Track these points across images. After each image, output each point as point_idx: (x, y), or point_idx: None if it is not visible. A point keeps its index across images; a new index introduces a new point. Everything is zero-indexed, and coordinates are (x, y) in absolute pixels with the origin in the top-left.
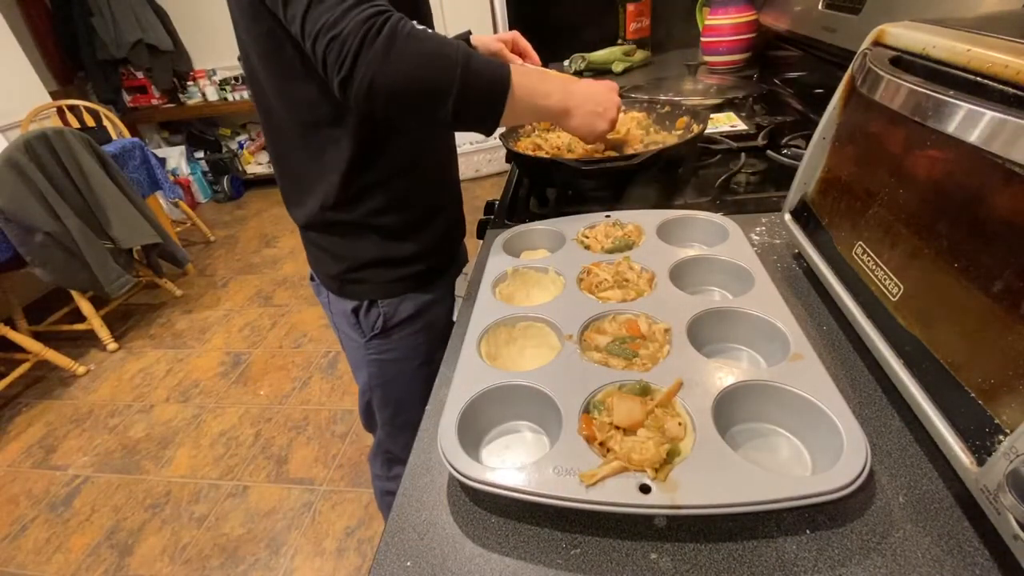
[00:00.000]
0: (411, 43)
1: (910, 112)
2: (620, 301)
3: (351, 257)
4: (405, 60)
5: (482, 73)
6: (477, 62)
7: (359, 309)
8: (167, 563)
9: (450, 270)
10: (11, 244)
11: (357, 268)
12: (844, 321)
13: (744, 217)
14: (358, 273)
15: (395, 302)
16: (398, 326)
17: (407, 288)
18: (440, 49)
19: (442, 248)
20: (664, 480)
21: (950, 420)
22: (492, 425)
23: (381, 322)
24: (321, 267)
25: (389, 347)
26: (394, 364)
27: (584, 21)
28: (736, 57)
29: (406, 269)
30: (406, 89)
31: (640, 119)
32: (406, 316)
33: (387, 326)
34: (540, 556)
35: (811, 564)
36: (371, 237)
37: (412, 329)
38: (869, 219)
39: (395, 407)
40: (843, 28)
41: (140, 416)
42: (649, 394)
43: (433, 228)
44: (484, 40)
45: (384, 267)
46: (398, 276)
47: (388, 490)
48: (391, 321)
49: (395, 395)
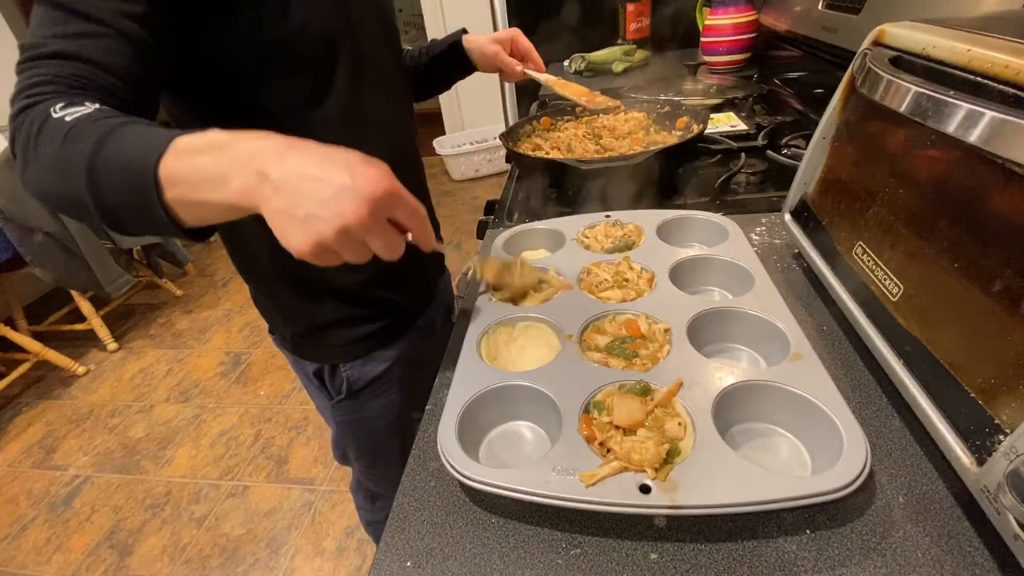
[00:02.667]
0: (39, 151)
1: (910, 112)
2: (620, 301)
3: (305, 319)
4: (34, 172)
5: (115, 174)
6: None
7: (322, 372)
8: (167, 563)
9: (427, 311)
10: (11, 244)
11: (313, 331)
12: (844, 321)
13: (744, 217)
14: (314, 336)
15: (359, 364)
16: (366, 387)
17: (372, 347)
18: (62, 151)
19: (411, 293)
20: (664, 480)
21: (950, 420)
22: (492, 425)
23: (346, 387)
24: (275, 326)
25: (359, 408)
26: (366, 423)
27: (584, 21)
28: (736, 57)
29: (368, 327)
30: (55, 204)
31: (640, 119)
32: (374, 376)
33: (353, 390)
34: (540, 556)
35: (811, 564)
36: (326, 297)
37: (383, 388)
38: (869, 219)
39: (371, 457)
40: (843, 28)
41: (140, 416)
42: (649, 394)
43: (398, 274)
44: (479, 41)
45: (342, 327)
46: (360, 335)
47: (374, 520)
48: (357, 384)
49: (370, 448)
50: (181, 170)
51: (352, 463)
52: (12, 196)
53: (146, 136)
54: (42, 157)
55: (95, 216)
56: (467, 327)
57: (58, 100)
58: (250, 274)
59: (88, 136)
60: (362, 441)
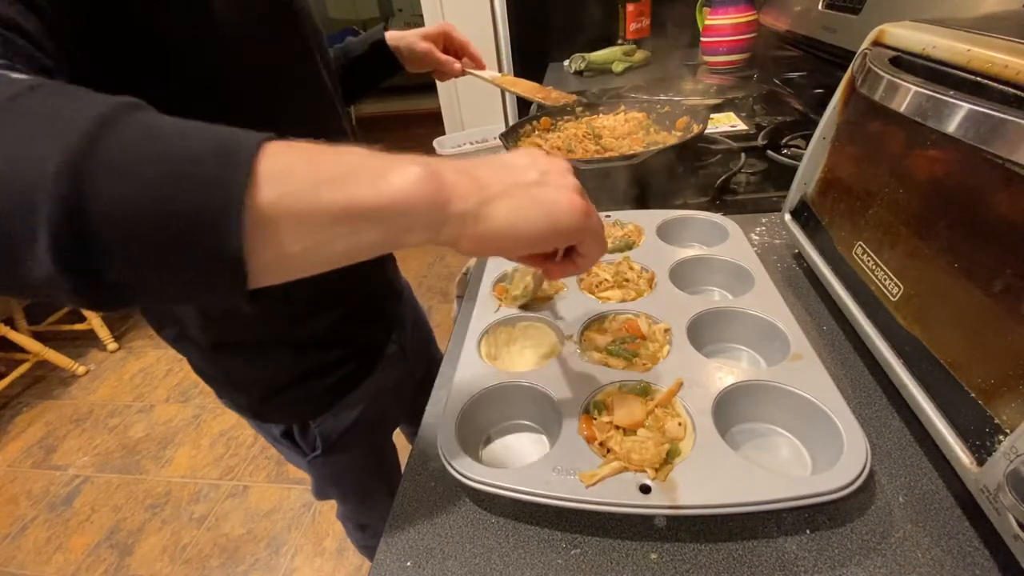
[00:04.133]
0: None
1: (910, 112)
2: (620, 301)
3: (261, 383)
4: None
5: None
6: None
7: (291, 432)
8: (167, 563)
9: (392, 338)
10: None
11: (272, 393)
12: (844, 321)
13: (744, 217)
14: (275, 399)
15: (330, 416)
16: (343, 437)
17: (343, 391)
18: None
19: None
20: (664, 480)
21: (950, 420)
22: (492, 425)
23: (320, 442)
24: (224, 394)
25: (336, 460)
26: (346, 473)
27: (584, 21)
28: (736, 57)
29: (336, 373)
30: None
31: (640, 119)
32: (350, 424)
33: (328, 444)
34: (540, 556)
35: (811, 564)
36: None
37: (360, 433)
38: (869, 219)
39: (358, 497)
40: (843, 28)
41: (140, 416)
42: (649, 394)
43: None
44: (408, 38)
45: (307, 382)
46: (329, 385)
47: (367, 545)
48: (332, 436)
49: (357, 491)
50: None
51: (337, 504)
52: None
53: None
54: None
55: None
56: (467, 327)
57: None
58: (188, 344)
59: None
60: (345, 486)
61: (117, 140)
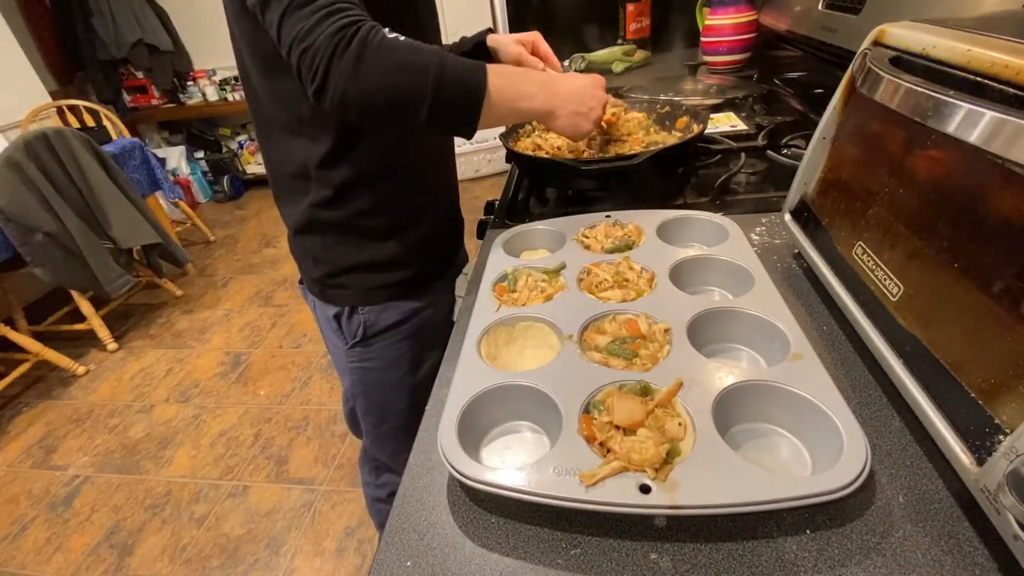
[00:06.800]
0: (381, 55)
1: (910, 112)
2: (620, 301)
3: (332, 261)
4: (375, 72)
5: (456, 81)
6: (451, 69)
7: (341, 315)
8: (167, 563)
9: (446, 275)
10: (11, 244)
11: (338, 273)
12: (844, 321)
13: (744, 217)
14: (339, 278)
15: (376, 310)
16: (380, 335)
17: (390, 296)
18: (412, 59)
19: (430, 253)
20: (664, 480)
21: (950, 420)
22: (492, 425)
23: (362, 330)
24: (305, 270)
25: (370, 356)
26: (376, 373)
27: (584, 21)
28: (736, 57)
29: (388, 275)
30: (377, 101)
31: (640, 119)
32: (389, 324)
33: (368, 335)
34: (540, 556)
35: (811, 564)
36: (353, 240)
37: (395, 338)
38: (869, 219)
39: (378, 415)
40: (843, 28)
41: (140, 416)
42: (649, 394)
43: (418, 232)
44: (503, 41)
45: (365, 272)
46: (380, 283)
47: (377, 497)
48: (372, 329)
49: (378, 404)
50: (503, 87)
51: (360, 423)
52: (12, 196)
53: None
54: (388, 62)
55: (421, 109)
56: (467, 327)
57: (371, 23)
58: (297, 220)
59: (431, 56)
60: (371, 395)
61: (449, 61)
